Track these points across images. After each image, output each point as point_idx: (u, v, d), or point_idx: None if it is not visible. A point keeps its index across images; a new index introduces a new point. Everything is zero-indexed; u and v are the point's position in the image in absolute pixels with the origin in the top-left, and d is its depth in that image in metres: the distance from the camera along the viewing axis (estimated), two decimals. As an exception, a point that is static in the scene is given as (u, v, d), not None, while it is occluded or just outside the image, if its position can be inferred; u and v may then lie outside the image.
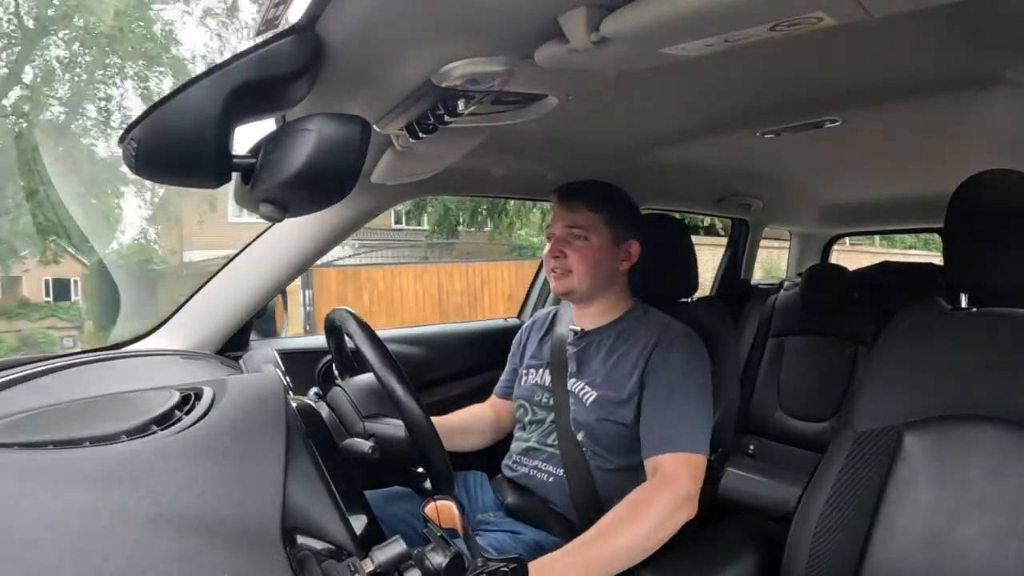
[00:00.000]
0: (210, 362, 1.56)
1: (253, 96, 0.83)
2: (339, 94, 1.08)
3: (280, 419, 0.85)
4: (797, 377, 2.96)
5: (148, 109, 0.78)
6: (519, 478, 1.63)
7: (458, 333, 2.50)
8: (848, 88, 1.42)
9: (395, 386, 1.18)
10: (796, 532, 1.30)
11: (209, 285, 1.71)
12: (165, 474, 0.73)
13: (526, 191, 2.25)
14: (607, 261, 1.58)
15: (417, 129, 1.17)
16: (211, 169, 0.83)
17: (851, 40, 1.10)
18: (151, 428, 0.81)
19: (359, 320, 1.32)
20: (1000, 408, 1.17)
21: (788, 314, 3.06)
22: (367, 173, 1.45)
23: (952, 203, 1.28)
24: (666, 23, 0.84)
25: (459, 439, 1.73)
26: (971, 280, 1.29)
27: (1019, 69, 1.25)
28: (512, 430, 1.78)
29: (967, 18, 1.04)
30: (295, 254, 1.69)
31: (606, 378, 1.54)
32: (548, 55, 0.95)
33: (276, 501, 0.76)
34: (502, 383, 1.88)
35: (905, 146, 2.02)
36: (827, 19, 0.82)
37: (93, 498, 0.68)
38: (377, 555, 0.77)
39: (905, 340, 1.35)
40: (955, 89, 1.40)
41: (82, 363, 1.35)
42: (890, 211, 3.29)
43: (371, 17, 0.88)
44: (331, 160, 0.85)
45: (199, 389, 0.93)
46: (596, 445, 1.52)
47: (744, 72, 1.29)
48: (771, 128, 1.70)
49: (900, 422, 1.25)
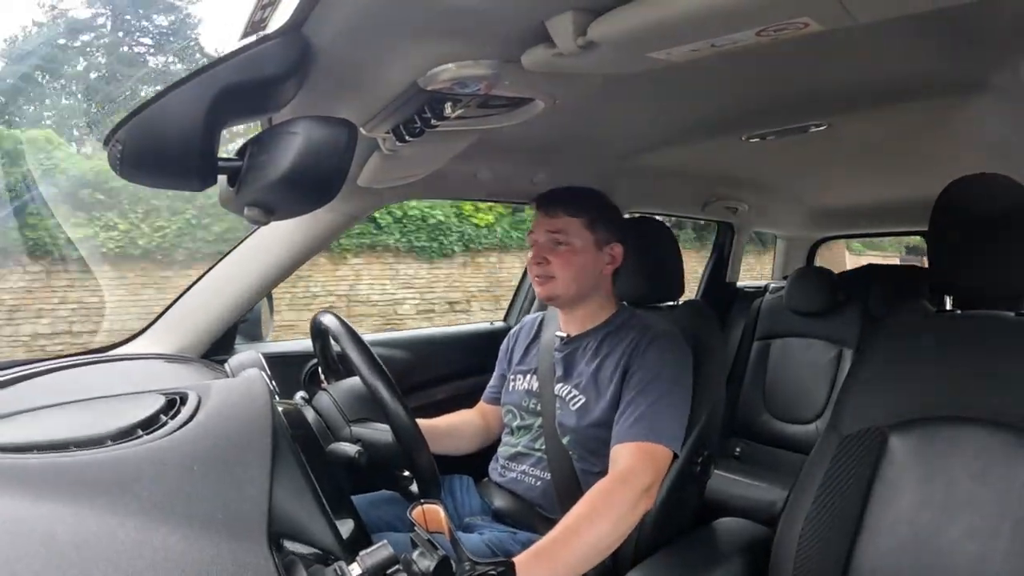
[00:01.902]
0: (195, 366, 1.55)
1: (239, 99, 0.83)
2: (326, 97, 1.08)
3: (266, 423, 0.85)
4: (783, 380, 2.98)
5: (134, 111, 0.77)
6: (506, 483, 1.63)
7: (444, 337, 2.50)
8: (833, 93, 1.44)
9: (381, 389, 1.17)
10: (783, 534, 1.31)
11: (195, 289, 1.70)
12: (151, 479, 0.72)
13: (513, 195, 2.26)
14: (590, 265, 1.58)
15: (404, 132, 1.17)
16: (197, 172, 0.83)
17: (836, 45, 1.10)
18: (136, 432, 0.80)
19: (345, 323, 1.32)
20: (985, 409, 1.18)
21: (774, 317, 3.08)
22: (353, 176, 1.45)
23: (936, 206, 1.29)
24: (653, 28, 0.84)
25: (447, 443, 1.72)
26: (955, 283, 1.31)
27: (1002, 74, 1.27)
28: (500, 436, 1.78)
29: (951, 24, 1.05)
30: (281, 258, 1.68)
31: (592, 382, 1.54)
32: (535, 59, 0.96)
33: (262, 505, 0.75)
34: (490, 389, 1.87)
35: (890, 150, 2.04)
36: (813, 24, 0.82)
37: (79, 504, 0.67)
38: (364, 559, 0.77)
39: (890, 342, 1.36)
40: (939, 94, 1.41)
41: (68, 366, 1.34)
42: (875, 214, 3.32)
43: (358, 20, 0.88)
44: (317, 163, 0.85)
45: (184, 393, 0.92)
46: (582, 449, 1.52)
47: (730, 77, 1.30)
48: (757, 132, 1.71)
49: (885, 423, 1.26)
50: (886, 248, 14.64)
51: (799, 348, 2.96)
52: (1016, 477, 1.12)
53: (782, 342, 3.03)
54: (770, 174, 2.53)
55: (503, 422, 1.72)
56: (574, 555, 1.21)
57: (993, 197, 1.24)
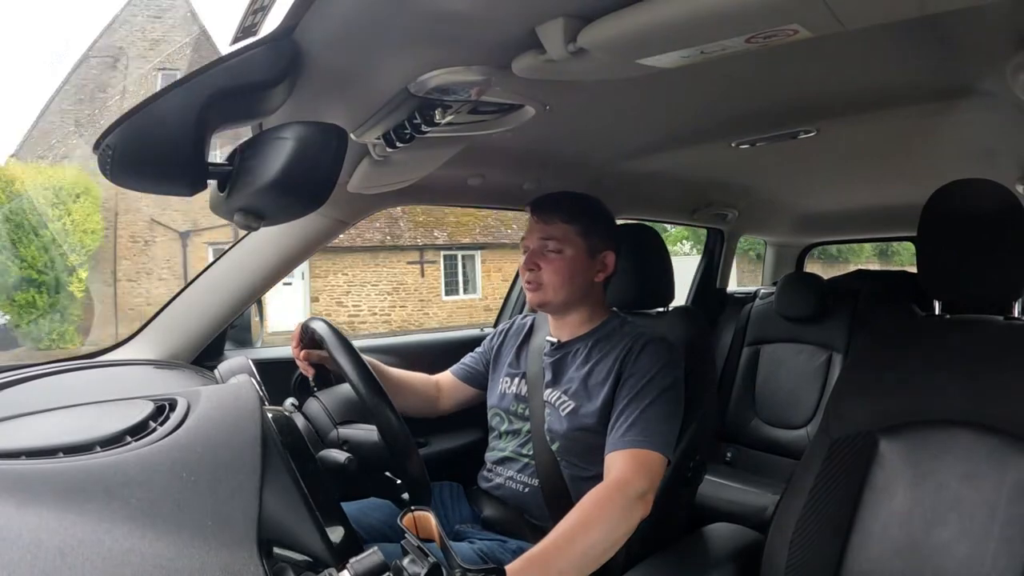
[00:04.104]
0: (184, 372, 1.54)
1: (229, 103, 0.83)
2: (316, 102, 1.08)
3: (255, 430, 0.84)
4: (773, 385, 2.99)
5: (124, 115, 0.77)
6: (494, 488, 1.63)
7: (434, 343, 2.49)
8: (822, 99, 1.44)
9: (365, 391, 1.17)
10: (774, 538, 1.31)
11: (184, 294, 1.69)
12: (139, 485, 0.72)
13: (503, 201, 2.26)
14: (581, 273, 1.58)
15: (394, 138, 1.17)
16: (187, 176, 0.83)
17: (825, 52, 1.11)
18: (125, 439, 0.80)
19: (334, 329, 1.31)
20: (974, 413, 1.18)
21: (763, 322, 3.09)
22: (343, 182, 1.44)
23: (925, 212, 1.30)
24: (643, 34, 0.84)
25: (394, 392, 1.50)
26: (944, 287, 1.31)
27: (989, 80, 1.28)
28: (446, 412, 1.81)
29: (939, 30, 1.06)
30: (270, 263, 1.68)
31: (581, 387, 1.54)
32: (525, 65, 0.96)
33: (252, 512, 0.75)
34: (461, 365, 1.86)
35: (879, 156, 2.05)
36: (802, 31, 0.83)
37: (66, 510, 0.67)
38: (354, 566, 0.76)
39: (879, 347, 1.36)
40: (928, 100, 1.42)
41: (56, 372, 1.33)
42: (864, 220, 3.34)
43: (349, 26, 0.88)
44: (308, 168, 0.85)
45: (173, 399, 0.91)
46: (570, 454, 1.52)
47: (720, 83, 1.30)
48: (746, 139, 1.72)
49: (875, 427, 1.26)
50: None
51: (789, 353, 2.98)
52: (1005, 480, 1.12)
53: (772, 347, 3.04)
54: (759, 180, 2.54)
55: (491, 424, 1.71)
56: (567, 563, 1.20)
57: (981, 202, 1.25)
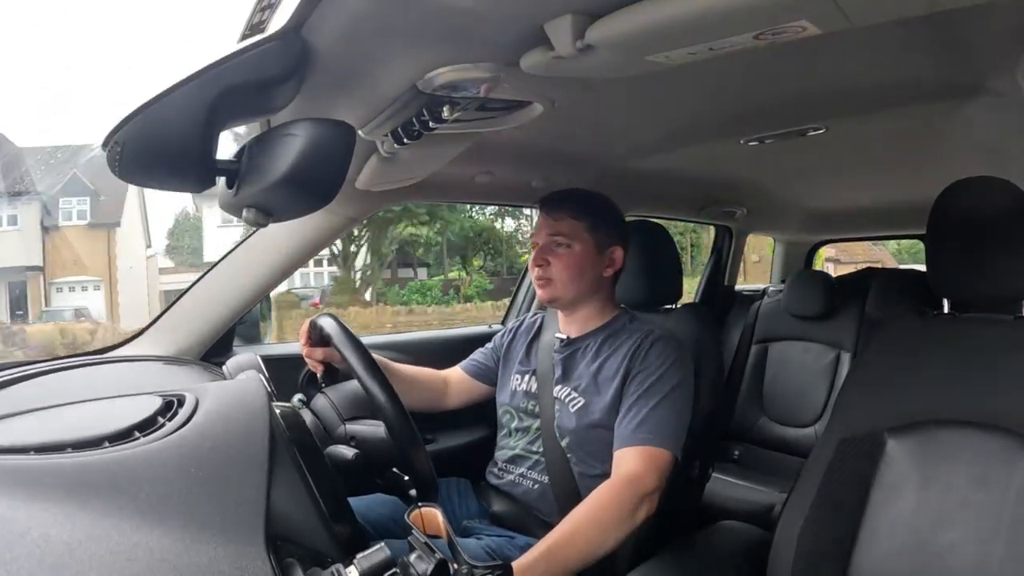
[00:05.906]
0: (193, 368, 1.55)
1: (238, 100, 0.83)
2: (325, 99, 1.08)
3: (263, 425, 0.85)
4: (781, 383, 2.98)
5: (133, 112, 0.77)
6: (504, 485, 1.63)
7: (442, 340, 2.50)
8: (831, 97, 1.44)
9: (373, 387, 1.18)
10: (781, 537, 1.31)
11: (193, 290, 1.69)
12: (147, 481, 0.72)
13: (511, 198, 2.26)
14: (591, 268, 1.58)
15: (402, 135, 1.17)
16: (195, 173, 0.83)
17: (834, 49, 1.11)
18: (134, 434, 0.80)
19: (342, 326, 1.32)
20: (983, 413, 1.18)
21: (772, 320, 3.08)
22: (352, 179, 1.45)
23: (934, 210, 1.29)
24: (651, 31, 0.84)
25: (402, 387, 1.58)
26: (953, 286, 1.31)
27: (998, 78, 1.27)
28: (454, 408, 1.82)
29: (948, 28, 1.05)
30: (279, 260, 1.68)
31: (591, 384, 1.54)
32: (533, 62, 0.96)
33: (260, 508, 0.75)
34: (471, 361, 1.86)
35: (888, 154, 2.04)
36: (811, 28, 0.82)
37: (74, 505, 0.67)
38: (361, 562, 0.76)
39: (888, 346, 1.36)
40: (937, 98, 1.41)
41: (65, 368, 1.34)
42: (873, 218, 3.32)
43: (357, 23, 0.88)
44: (316, 165, 0.85)
45: (182, 395, 0.92)
46: (581, 451, 1.52)
47: (728, 80, 1.30)
48: (755, 136, 1.71)
49: (884, 427, 1.25)
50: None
51: (797, 351, 2.97)
52: (1013, 481, 1.12)
53: (780, 345, 3.03)
54: (768, 178, 2.53)
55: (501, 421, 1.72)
56: (572, 558, 1.21)
57: (990, 200, 1.24)
